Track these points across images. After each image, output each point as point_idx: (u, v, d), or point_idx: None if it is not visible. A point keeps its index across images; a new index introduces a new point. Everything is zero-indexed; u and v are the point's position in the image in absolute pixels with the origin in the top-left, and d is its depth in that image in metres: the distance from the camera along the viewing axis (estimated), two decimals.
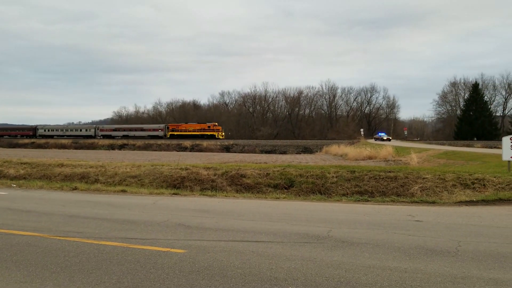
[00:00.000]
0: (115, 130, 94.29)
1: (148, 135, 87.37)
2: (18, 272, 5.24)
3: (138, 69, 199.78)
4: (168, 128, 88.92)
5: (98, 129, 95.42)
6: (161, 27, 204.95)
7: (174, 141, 71.79)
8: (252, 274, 5.01)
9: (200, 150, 60.12)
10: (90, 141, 78.10)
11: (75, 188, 15.04)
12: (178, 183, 16.95)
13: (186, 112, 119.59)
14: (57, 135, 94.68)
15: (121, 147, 67.92)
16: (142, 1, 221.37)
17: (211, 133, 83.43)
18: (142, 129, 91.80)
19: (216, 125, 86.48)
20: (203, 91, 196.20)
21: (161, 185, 16.84)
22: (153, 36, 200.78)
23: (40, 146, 70.58)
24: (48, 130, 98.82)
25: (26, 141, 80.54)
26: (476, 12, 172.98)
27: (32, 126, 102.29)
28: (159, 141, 72.21)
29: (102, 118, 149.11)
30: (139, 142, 70.69)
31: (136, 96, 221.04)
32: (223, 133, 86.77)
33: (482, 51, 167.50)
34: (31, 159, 24.19)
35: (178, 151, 59.57)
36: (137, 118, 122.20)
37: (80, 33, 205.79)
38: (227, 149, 61.16)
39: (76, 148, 67.43)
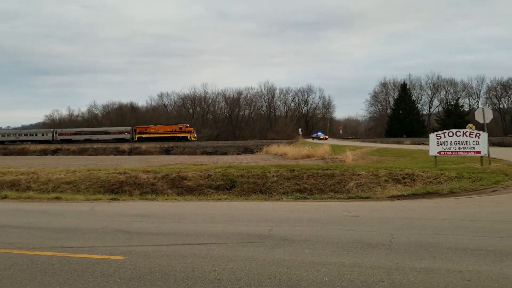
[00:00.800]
0: (75, 134, 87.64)
1: (114, 139, 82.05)
2: None
3: (70, 71, 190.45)
4: (135, 130, 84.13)
5: (56, 133, 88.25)
6: (92, 27, 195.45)
7: (112, 145, 69.34)
8: (195, 277, 5.00)
9: (139, 153, 58.55)
10: (20, 146, 73.18)
11: (5, 197, 14.14)
12: (116, 188, 16.47)
13: (123, 114, 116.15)
14: (9, 141, 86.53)
15: (55, 152, 64.68)
16: (71, 0, 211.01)
17: (183, 135, 79.80)
18: (106, 132, 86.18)
19: (187, 126, 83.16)
20: (141, 93, 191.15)
21: (98, 190, 16.27)
22: (85, 36, 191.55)
23: None
24: None
25: None
26: (401, 15, 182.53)
27: None
28: (95, 145, 69.40)
29: (33, 122, 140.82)
30: (74, 147, 67.51)
31: (69, 99, 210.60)
32: (196, 135, 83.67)
33: (408, 52, 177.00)
34: None
35: (115, 154, 57.71)
36: (70, 122, 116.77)
37: (4, 33, 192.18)
38: (167, 151, 60.05)
39: (5, 154, 63.17)
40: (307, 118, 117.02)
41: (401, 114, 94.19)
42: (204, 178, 16.69)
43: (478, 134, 16.40)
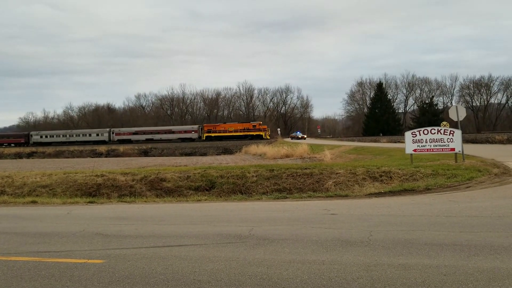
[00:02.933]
0: (135, 133, 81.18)
1: (179, 138, 76.94)
2: None
3: (42, 72, 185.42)
4: (202, 129, 78.54)
5: (113, 133, 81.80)
6: (63, 27, 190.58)
7: (88, 147, 68.06)
8: (176, 279, 4.97)
9: (117, 155, 57.74)
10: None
11: None
12: (94, 191, 16.24)
13: (100, 116, 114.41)
14: (57, 142, 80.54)
15: (30, 155, 63.24)
16: (39, 0, 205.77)
17: (258, 133, 74.31)
18: (171, 131, 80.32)
19: (261, 123, 78.47)
20: (117, 94, 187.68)
21: (75, 193, 16.01)
22: (55, 37, 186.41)
23: None
24: (46, 137, 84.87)
25: None
26: (374, 15, 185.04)
27: (24, 132, 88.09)
28: (71, 148, 67.99)
29: (7, 125, 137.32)
30: (50, 150, 66.05)
31: (44, 101, 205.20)
32: (269, 133, 78.90)
33: (382, 52, 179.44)
34: None
35: (92, 157, 56.79)
36: (46, 124, 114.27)
37: None
38: (145, 153, 59.36)
39: None
40: (285, 118, 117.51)
41: (378, 113, 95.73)
42: (183, 179, 16.60)
43: (452, 132, 16.76)
